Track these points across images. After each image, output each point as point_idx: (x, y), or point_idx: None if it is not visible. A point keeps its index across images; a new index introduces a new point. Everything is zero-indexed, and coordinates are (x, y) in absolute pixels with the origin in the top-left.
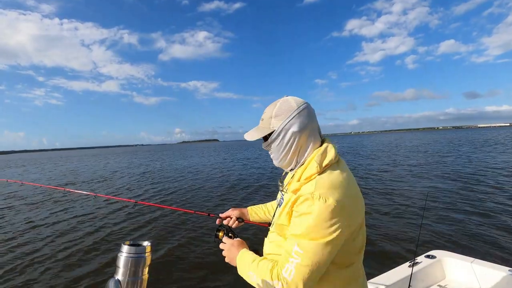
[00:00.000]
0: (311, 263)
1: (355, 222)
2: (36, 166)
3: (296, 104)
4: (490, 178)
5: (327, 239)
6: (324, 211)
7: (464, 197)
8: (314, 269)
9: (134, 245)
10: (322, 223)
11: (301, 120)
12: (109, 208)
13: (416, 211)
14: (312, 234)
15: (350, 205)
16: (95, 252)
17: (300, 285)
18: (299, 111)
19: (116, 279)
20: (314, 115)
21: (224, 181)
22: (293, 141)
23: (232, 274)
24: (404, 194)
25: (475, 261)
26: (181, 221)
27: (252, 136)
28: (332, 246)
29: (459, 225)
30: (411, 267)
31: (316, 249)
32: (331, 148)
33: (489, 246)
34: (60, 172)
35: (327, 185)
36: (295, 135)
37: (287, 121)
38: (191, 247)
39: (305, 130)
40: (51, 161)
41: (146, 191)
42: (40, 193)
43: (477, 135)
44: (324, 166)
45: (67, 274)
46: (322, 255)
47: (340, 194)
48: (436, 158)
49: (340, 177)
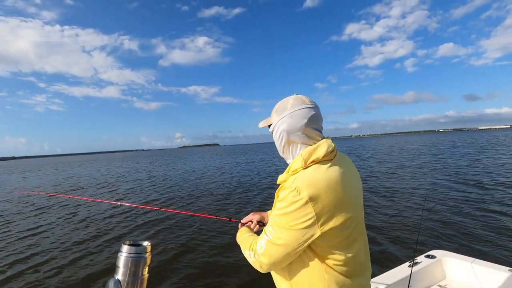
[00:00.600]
0: (279, 243)
1: (333, 219)
2: (42, 172)
3: (291, 105)
4: (491, 178)
5: (296, 228)
6: (296, 203)
7: (464, 197)
8: (281, 250)
9: (134, 245)
10: (293, 213)
11: (291, 121)
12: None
13: (416, 211)
14: (283, 219)
15: (327, 201)
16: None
17: (266, 260)
18: (290, 111)
19: (116, 279)
20: (310, 119)
21: (238, 185)
22: (281, 138)
23: (240, 277)
24: (404, 195)
25: (475, 261)
26: (203, 226)
27: (261, 124)
28: (300, 234)
29: (459, 225)
30: (411, 267)
31: (284, 233)
32: (322, 147)
33: (489, 246)
34: (76, 179)
35: (305, 180)
36: (282, 133)
37: (279, 119)
38: (210, 251)
39: (291, 130)
40: (60, 166)
41: (162, 195)
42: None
43: (478, 137)
44: (310, 162)
45: (67, 274)
46: (290, 240)
47: (316, 189)
48: (436, 160)
49: (323, 174)
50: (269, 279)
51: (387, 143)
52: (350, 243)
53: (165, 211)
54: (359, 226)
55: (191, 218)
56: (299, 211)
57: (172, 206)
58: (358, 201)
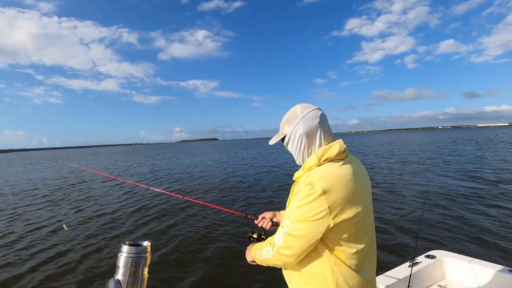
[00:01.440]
0: (296, 235)
1: (345, 212)
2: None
3: (301, 111)
4: (491, 179)
5: (311, 219)
6: (310, 196)
7: (464, 197)
8: (298, 240)
9: (134, 245)
10: (308, 205)
11: (306, 124)
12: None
13: (415, 211)
14: (299, 212)
15: (339, 195)
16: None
17: (285, 251)
18: (302, 116)
19: (116, 279)
20: (320, 119)
21: (242, 179)
22: (301, 141)
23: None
24: (404, 194)
25: (475, 261)
26: (217, 219)
27: (273, 141)
28: (315, 225)
29: (459, 225)
30: (411, 267)
31: (301, 225)
32: (335, 147)
33: (489, 246)
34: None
35: (319, 175)
36: (301, 136)
37: (294, 126)
38: (222, 243)
39: (310, 131)
40: (60, 159)
41: (177, 181)
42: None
43: (476, 135)
44: (323, 160)
45: (66, 274)
46: (306, 231)
47: (329, 184)
48: (436, 158)
49: (335, 170)
50: (280, 277)
51: (384, 140)
52: (360, 237)
53: (188, 199)
54: (369, 221)
55: (225, 214)
56: (313, 203)
57: (193, 196)
58: (367, 198)
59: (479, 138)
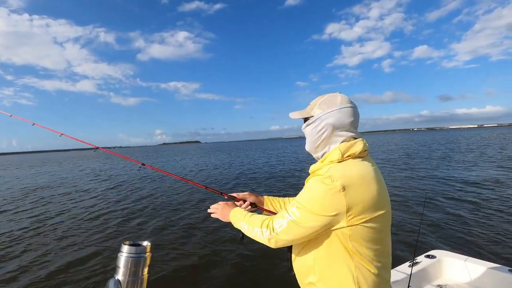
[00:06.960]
0: (303, 226)
1: (365, 212)
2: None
3: (340, 101)
4: (491, 178)
5: (323, 214)
6: (328, 190)
7: (464, 197)
8: (304, 231)
9: (134, 245)
10: (323, 199)
11: (338, 117)
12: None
13: (415, 211)
14: (312, 204)
15: (360, 194)
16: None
17: (286, 237)
18: (340, 107)
19: (116, 279)
20: (355, 118)
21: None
22: (324, 131)
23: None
24: (403, 195)
25: (475, 261)
26: (193, 198)
27: (294, 115)
28: (326, 221)
29: (459, 225)
30: (410, 267)
31: (311, 218)
32: (359, 144)
33: (489, 246)
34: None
35: (340, 171)
36: (327, 126)
37: (326, 113)
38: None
39: (338, 126)
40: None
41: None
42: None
43: (450, 136)
44: (346, 156)
45: (66, 274)
46: (314, 225)
47: (350, 181)
48: (432, 159)
49: (357, 168)
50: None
51: (374, 142)
52: (381, 238)
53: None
54: (389, 222)
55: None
56: (330, 199)
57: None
58: (388, 197)
59: (459, 140)
